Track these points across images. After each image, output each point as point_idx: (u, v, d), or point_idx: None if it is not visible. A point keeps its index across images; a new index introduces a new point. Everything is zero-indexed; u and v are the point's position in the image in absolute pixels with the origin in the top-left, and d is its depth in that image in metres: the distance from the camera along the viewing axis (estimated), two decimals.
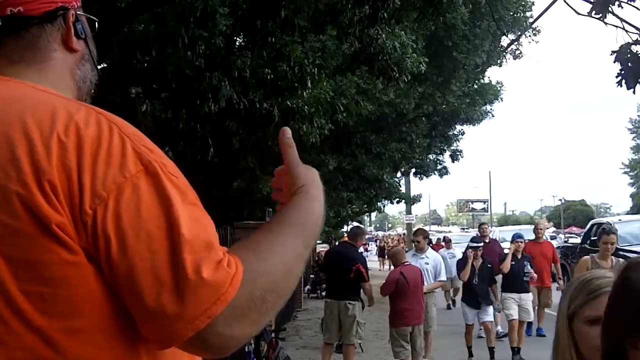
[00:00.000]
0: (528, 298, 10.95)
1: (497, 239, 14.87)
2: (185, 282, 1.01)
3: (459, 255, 17.69)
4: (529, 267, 10.68)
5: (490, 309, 10.39)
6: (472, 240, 11.16)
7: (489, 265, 10.39)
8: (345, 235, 21.19)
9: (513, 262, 10.58)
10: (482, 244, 10.79)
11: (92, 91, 1.39)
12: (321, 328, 10.22)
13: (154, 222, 1.04)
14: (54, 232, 1.02)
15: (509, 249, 11.07)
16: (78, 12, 1.32)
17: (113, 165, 1.05)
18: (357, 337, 9.30)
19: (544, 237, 13.43)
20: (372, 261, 34.27)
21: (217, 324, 1.03)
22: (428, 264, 9.61)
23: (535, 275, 10.87)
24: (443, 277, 10.32)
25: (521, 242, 10.85)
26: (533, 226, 14.56)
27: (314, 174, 1.37)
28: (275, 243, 1.15)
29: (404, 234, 48.42)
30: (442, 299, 17.68)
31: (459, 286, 16.84)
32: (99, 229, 1.02)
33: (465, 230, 67.76)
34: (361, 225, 15.47)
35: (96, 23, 1.41)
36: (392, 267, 9.62)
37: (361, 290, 9.38)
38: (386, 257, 35.77)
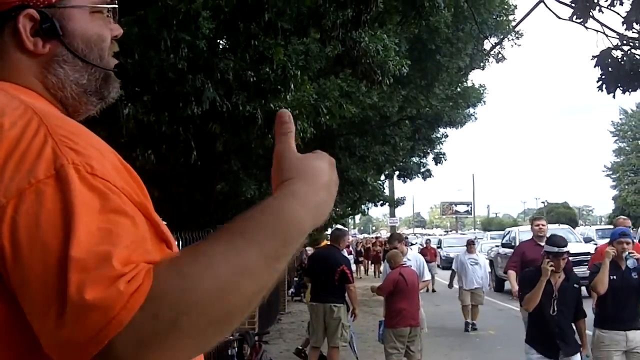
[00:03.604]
0: None
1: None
2: (67, 305, 0.89)
3: (484, 263, 15.01)
4: None
5: (577, 358, 6.46)
6: (551, 241, 6.46)
7: (575, 286, 6.47)
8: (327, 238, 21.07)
9: (613, 277, 6.47)
10: (566, 248, 6.37)
11: (92, 94, 1.26)
12: (308, 332, 10.21)
13: (53, 233, 0.92)
14: None
15: (587, 254, 6.68)
16: (60, 6, 1.19)
17: (22, 170, 0.96)
18: (342, 339, 9.33)
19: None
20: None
21: (117, 350, 0.89)
22: (411, 266, 9.58)
23: None
24: (427, 277, 10.24)
25: (628, 242, 6.59)
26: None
27: (311, 166, 1.14)
28: (210, 254, 0.96)
29: (377, 236, 48.56)
30: (460, 316, 14.69)
31: (482, 303, 14.42)
32: None
33: (462, 233, 65.76)
34: (342, 227, 15.30)
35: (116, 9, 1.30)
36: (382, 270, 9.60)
37: (346, 293, 9.44)
38: (363, 261, 35.67)
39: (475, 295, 14.19)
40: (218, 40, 9.47)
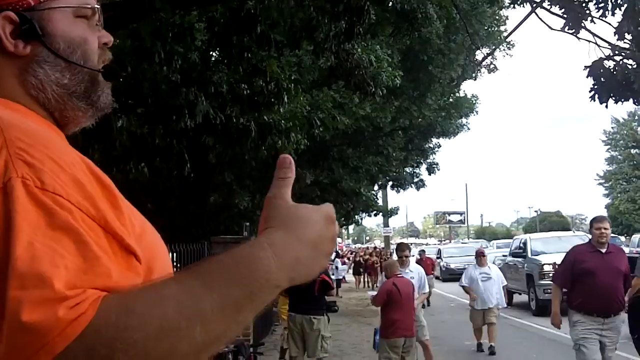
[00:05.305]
0: None
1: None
2: (4, 322, 0.85)
3: (498, 277, 12.77)
4: None
5: None
6: None
7: None
8: None
9: None
10: None
11: (79, 98, 1.21)
12: (286, 343, 10.02)
13: None
14: None
15: None
16: (39, 9, 1.16)
17: None
18: (323, 351, 9.28)
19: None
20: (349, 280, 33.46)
21: None
22: (413, 278, 9.46)
23: None
24: (425, 290, 10.15)
25: None
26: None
27: (299, 217, 1.05)
28: (164, 293, 0.91)
29: (374, 247, 48.39)
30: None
31: (493, 321, 12.45)
32: None
33: (463, 242, 61.86)
34: None
35: (97, 11, 1.24)
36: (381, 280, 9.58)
37: (326, 304, 9.50)
38: (362, 273, 35.04)
39: (489, 314, 12.36)
40: (211, 53, 9.49)
